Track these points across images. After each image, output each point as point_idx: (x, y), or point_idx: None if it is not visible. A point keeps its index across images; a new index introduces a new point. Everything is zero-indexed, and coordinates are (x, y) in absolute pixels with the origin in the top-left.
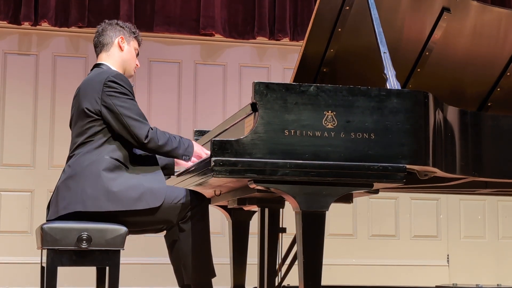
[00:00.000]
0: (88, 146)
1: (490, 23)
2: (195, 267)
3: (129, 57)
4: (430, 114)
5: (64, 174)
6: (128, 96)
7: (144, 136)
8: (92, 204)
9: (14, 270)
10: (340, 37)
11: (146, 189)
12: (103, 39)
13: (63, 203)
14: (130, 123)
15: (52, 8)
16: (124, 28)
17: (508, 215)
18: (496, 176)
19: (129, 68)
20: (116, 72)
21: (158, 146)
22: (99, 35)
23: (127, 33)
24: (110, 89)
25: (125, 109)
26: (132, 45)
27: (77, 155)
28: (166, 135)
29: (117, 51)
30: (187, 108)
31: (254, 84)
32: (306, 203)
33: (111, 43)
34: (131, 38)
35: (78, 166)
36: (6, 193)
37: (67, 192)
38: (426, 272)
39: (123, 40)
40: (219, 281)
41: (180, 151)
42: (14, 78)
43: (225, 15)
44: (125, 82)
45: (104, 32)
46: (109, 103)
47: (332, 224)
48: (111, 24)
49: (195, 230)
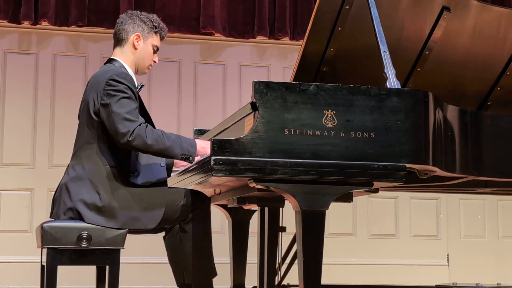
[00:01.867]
0: (90, 150)
1: (490, 22)
2: (196, 267)
3: (143, 55)
4: (430, 113)
5: (67, 175)
6: (125, 95)
7: (129, 132)
8: (90, 219)
9: (14, 269)
10: (340, 36)
11: (144, 208)
12: (120, 33)
13: (63, 207)
14: (117, 120)
15: (52, 7)
16: (144, 22)
17: (508, 214)
18: (496, 175)
19: (142, 66)
20: (122, 70)
21: (146, 144)
22: (117, 27)
23: (146, 28)
24: (109, 87)
25: (117, 107)
26: (150, 42)
27: (80, 157)
28: (158, 132)
29: (130, 49)
30: (187, 107)
31: (254, 83)
32: (306, 202)
33: (126, 40)
34: (151, 34)
35: (81, 170)
36: (6, 192)
37: (67, 197)
38: (426, 271)
39: (139, 38)
40: (219, 280)
41: (176, 151)
42: (14, 78)
43: (225, 14)
44: (128, 80)
45: (122, 25)
46: (107, 103)
47: (332, 224)
48: (131, 16)
49: (197, 231)
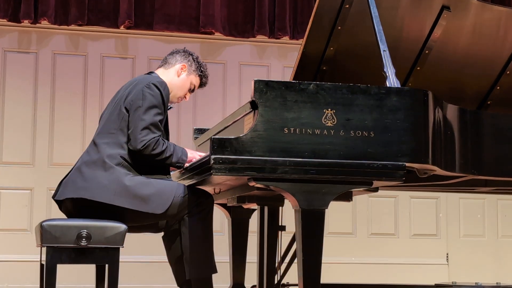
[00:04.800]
0: (109, 139)
1: (490, 21)
2: (196, 262)
3: (181, 85)
4: (430, 112)
5: (81, 159)
6: (156, 105)
7: (142, 142)
8: (100, 195)
9: (14, 268)
10: (339, 35)
11: (156, 190)
12: (169, 58)
13: (73, 187)
14: (140, 124)
15: (52, 6)
16: (194, 62)
17: (507, 213)
18: (495, 174)
19: (174, 95)
20: (163, 80)
21: (151, 155)
22: (169, 54)
23: (194, 66)
24: (148, 90)
25: (147, 113)
26: (191, 79)
27: (97, 144)
28: (165, 144)
29: (173, 74)
30: (187, 106)
31: (254, 82)
32: (306, 201)
33: (172, 65)
34: (195, 73)
35: (96, 155)
36: (6, 191)
37: (80, 177)
38: (425, 270)
39: (184, 68)
40: (219, 279)
41: (173, 160)
42: (13, 76)
43: (225, 13)
44: (165, 92)
45: (175, 54)
46: (139, 102)
47: (332, 223)
48: (186, 52)
49: (199, 226)
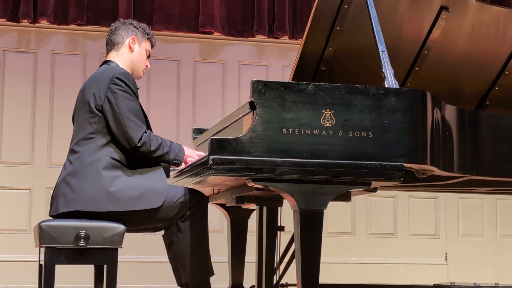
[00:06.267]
0: (89, 144)
1: (488, 22)
2: (193, 266)
3: (139, 58)
4: (428, 113)
5: (65, 170)
6: (131, 96)
7: (138, 138)
8: (92, 205)
9: (12, 268)
10: (338, 35)
11: (147, 188)
12: (115, 38)
13: (63, 201)
14: (126, 123)
15: (51, 6)
16: (137, 28)
17: (506, 213)
18: (494, 174)
19: (137, 69)
20: (124, 70)
21: (150, 151)
22: (111, 34)
23: (140, 34)
24: (115, 86)
25: (125, 109)
26: (144, 47)
27: (78, 152)
28: (159, 140)
29: (126, 52)
30: (186, 106)
31: (253, 82)
32: (304, 201)
33: (121, 43)
34: (144, 39)
35: (79, 164)
36: (5, 190)
37: (68, 190)
38: (424, 270)
39: (134, 41)
40: (218, 279)
41: (171, 157)
42: (12, 76)
43: (224, 13)
44: (131, 81)
45: (116, 31)
46: (112, 100)
47: (331, 223)
48: (125, 23)
49: (194, 229)
